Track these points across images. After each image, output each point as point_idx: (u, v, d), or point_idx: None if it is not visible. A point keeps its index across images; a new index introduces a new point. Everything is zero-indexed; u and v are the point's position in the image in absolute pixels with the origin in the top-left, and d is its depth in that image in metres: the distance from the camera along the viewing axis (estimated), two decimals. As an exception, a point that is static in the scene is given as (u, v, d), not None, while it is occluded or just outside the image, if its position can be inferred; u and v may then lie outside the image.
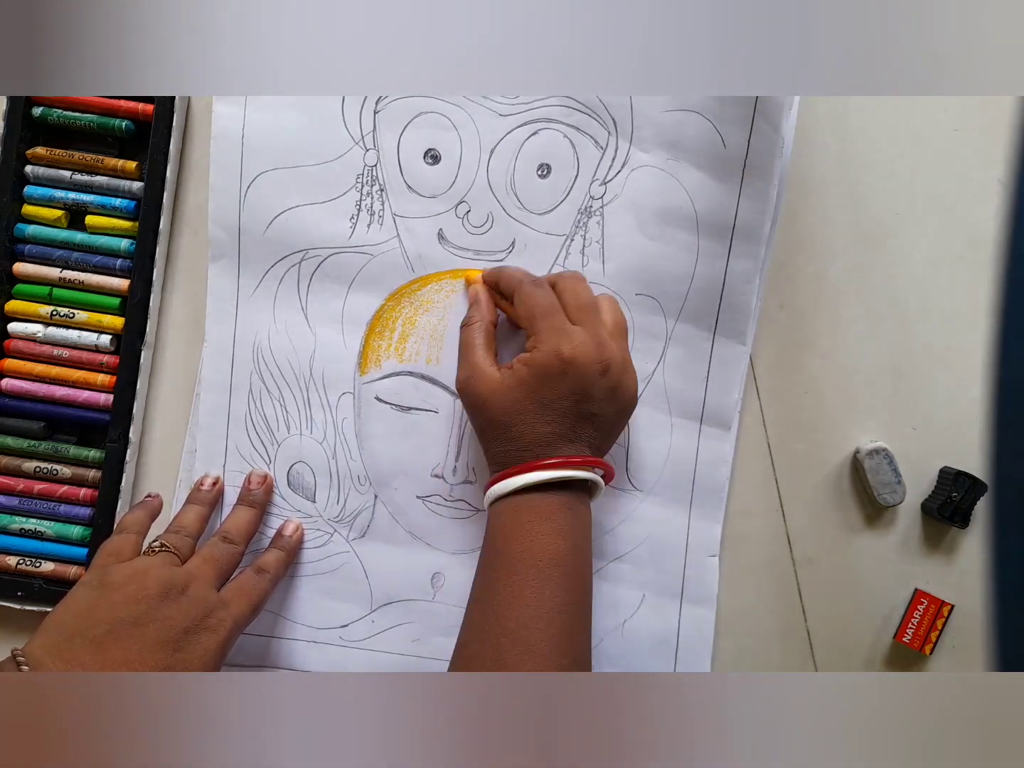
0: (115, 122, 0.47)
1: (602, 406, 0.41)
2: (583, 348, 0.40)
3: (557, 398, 0.40)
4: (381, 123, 0.45)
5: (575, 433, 0.41)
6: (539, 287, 0.42)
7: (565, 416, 0.40)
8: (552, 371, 0.40)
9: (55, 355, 0.47)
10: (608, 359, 0.41)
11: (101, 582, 0.39)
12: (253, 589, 0.42)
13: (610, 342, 0.41)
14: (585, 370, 0.40)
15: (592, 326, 0.41)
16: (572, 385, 0.40)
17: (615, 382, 0.41)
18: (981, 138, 0.50)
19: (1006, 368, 0.23)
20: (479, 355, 0.42)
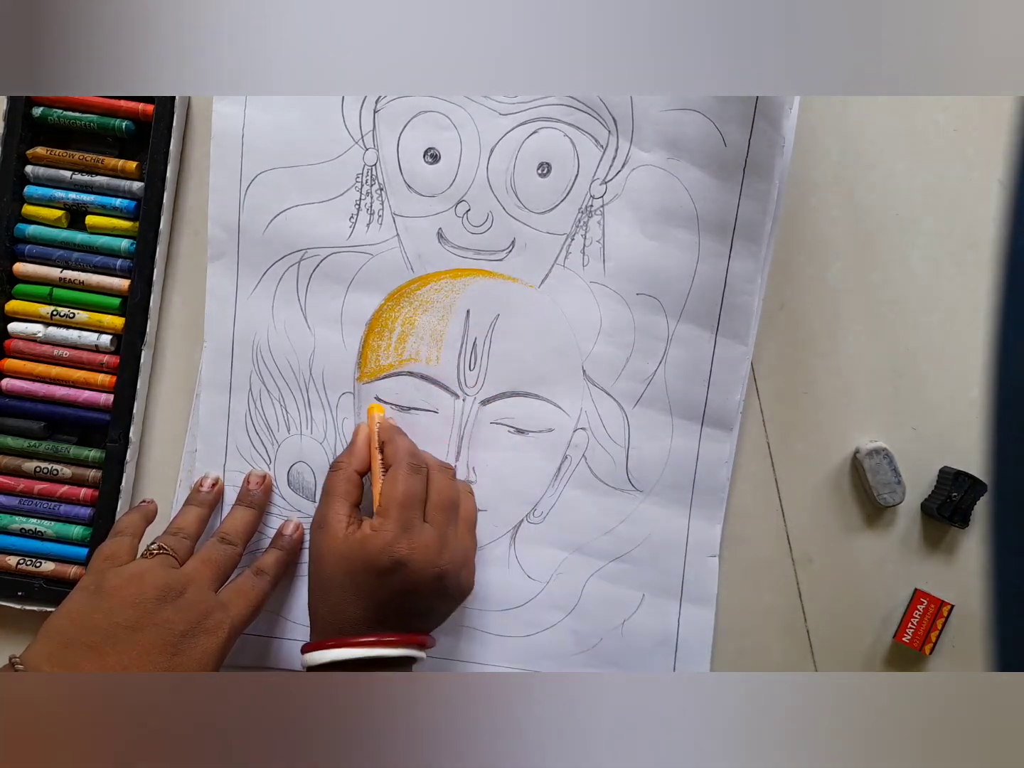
0: (115, 122, 0.47)
1: (430, 603, 0.41)
2: (420, 552, 0.40)
3: (378, 591, 0.39)
4: (381, 122, 0.45)
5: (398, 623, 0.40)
6: (415, 474, 0.42)
7: (384, 607, 0.40)
8: (379, 566, 0.39)
9: (55, 355, 0.47)
10: (446, 565, 0.40)
11: (98, 587, 0.38)
12: (252, 590, 0.42)
13: (454, 542, 0.42)
14: (415, 575, 0.39)
15: (441, 526, 0.41)
16: (398, 584, 0.39)
17: (448, 586, 0.41)
18: (981, 138, 0.50)
19: (1006, 368, 0.23)
20: (334, 507, 0.41)
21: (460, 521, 0.43)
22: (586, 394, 0.47)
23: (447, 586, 0.41)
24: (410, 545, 0.40)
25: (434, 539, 0.40)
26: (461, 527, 0.43)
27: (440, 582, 0.41)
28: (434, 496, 0.42)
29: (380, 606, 0.40)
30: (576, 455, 0.48)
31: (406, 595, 0.40)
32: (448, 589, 0.41)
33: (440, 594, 0.41)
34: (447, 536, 0.41)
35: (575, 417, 0.48)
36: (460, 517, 0.43)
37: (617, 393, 0.48)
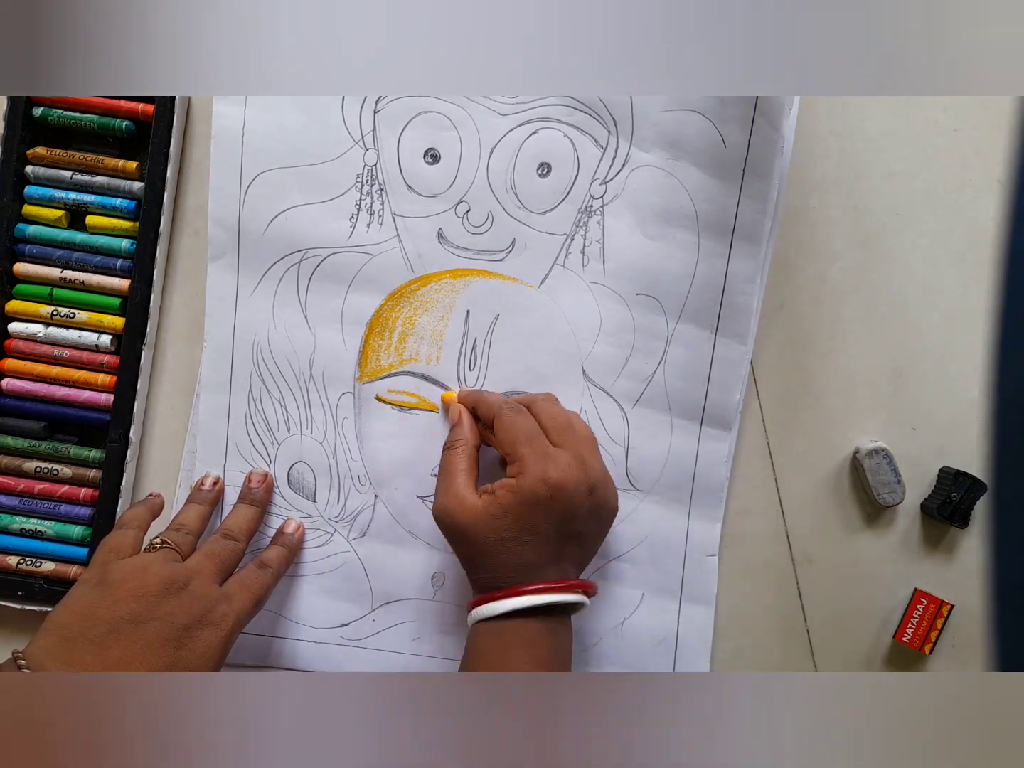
0: (115, 122, 0.47)
1: (587, 524, 0.41)
2: (569, 471, 0.40)
3: (544, 523, 0.40)
4: (381, 123, 0.45)
5: (560, 555, 0.41)
6: (518, 412, 0.42)
7: (551, 540, 0.40)
8: (540, 498, 0.39)
9: (56, 355, 0.47)
10: (593, 479, 0.41)
11: (102, 579, 0.39)
12: (255, 583, 0.42)
13: (592, 460, 0.42)
14: (572, 493, 0.40)
15: (574, 447, 0.41)
16: (560, 510, 0.40)
17: (600, 500, 0.41)
18: (981, 138, 0.50)
19: (1006, 368, 0.23)
20: (460, 482, 0.41)
21: (582, 441, 0.43)
22: (586, 394, 0.47)
23: (599, 501, 0.41)
24: (556, 467, 0.40)
25: (572, 458, 0.41)
26: (587, 446, 0.43)
27: (593, 496, 0.41)
28: (549, 423, 0.42)
29: (548, 540, 0.40)
30: (576, 455, 0.48)
31: (567, 519, 0.40)
32: (600, 504, 0.42)
33: (595, 511, 0.41)
34: (582, 455, 0.41)
35: (575, 417, 0.48)
36: (580, 437, 0.43)
37: (617, 393, 0.48)
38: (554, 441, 0.41)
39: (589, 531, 0.42)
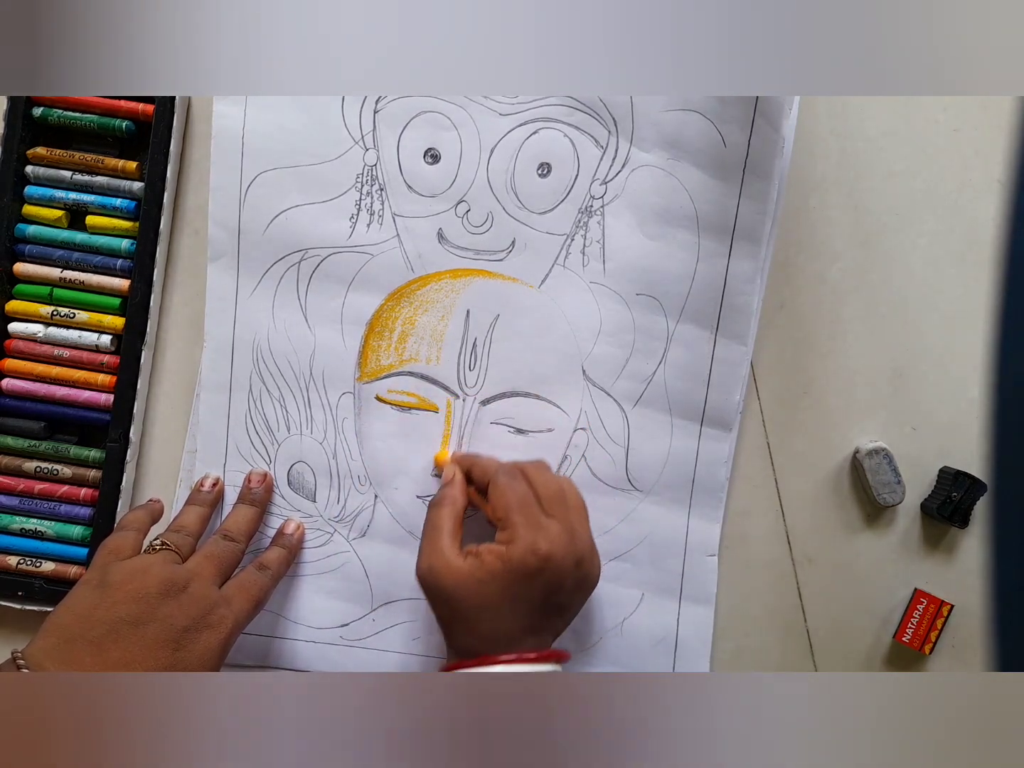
0: (115, 122, 0.47)
1: (571, 597, 0.42)
2: (558, 543, 0.40)
3: (529, 594, 0.40)
4: (381, 122, 0.45)
5: (541, 626, 0.41)
6: (513, 478, 0.42)
7: (534, 611, 0.40)
8: (528, 568, 0.39)
9: (56, 355, 0.47)
10: (581, 552, 0.41)
11: (102, 581, 0.39)
12: (254, 585, 0.42)
13: (581, 532, 0.42)
14: (560, 566, 0.40)
15: (565, 517, 0.41)
16: (547, 581, 0.40)
17: (585, 572, 0.41)
18: (981, 138, 0.50)
19: (1006, 368, 0.23)
20: (444, 543, 0.41)
21: (572, 510, 0.42)
22: (586, 394, 0.47)
23: (584, 574, 0.41)
24: (547, 539, 0.40)
25: (562, 530, 0.40)
26: (578, 516, 0.43)
27: (580, 569, 0.41)
28: (542, 491, 0.42)
29: (531, 611, 0.40)
30: (576, 455, 0.48)
31: (552, 591, 0.40)
32: (585, 577, 0.42)
33: (579, 583, 0.41)
34: (571, 525, 0.41)
35: (575, 417, 0.48)
36: (571, 507, 0.43)
37: (617, 393, 0.48)
38: (546, 510, 0.41)
39: (572, 603, 0.42)
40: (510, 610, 0.40)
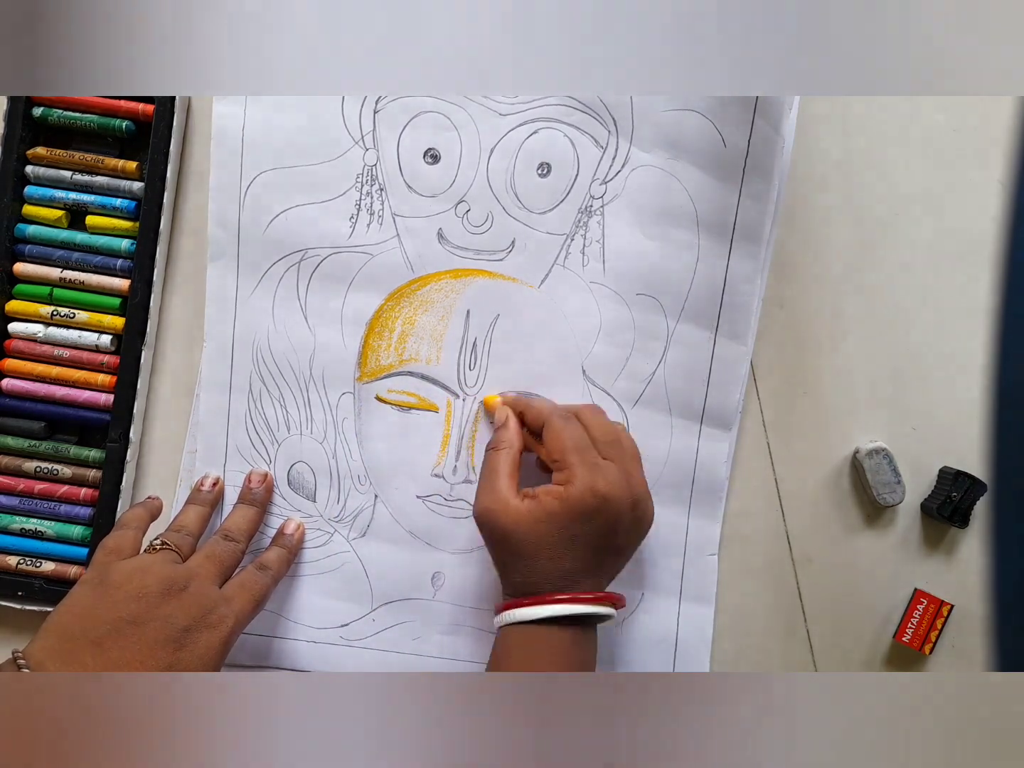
0: (115, 122, 0.47)
1: (627, 538, 0.42)
2: (616, 484, 0.40)
3: (587, 534, 0.40)
4: (381, 123, 0.45)
5: (599, 566, 0.41)
6: (568, 421, 0.42)
7: (592, 551, 0.40)
8: (587, 508, 0.39)
9: (55, 355, 0.47)
10: (637, 494, 0.41)
11: (102, 580, 0.39)
12: (255, 585, 0.42)
13: (637, 475, 0.42)
14: (618, 507, 0.40)
15: (621, 460, 0.41)
16: (604, 521, 0.40)
17: (640, 514, 0.42)
18: (981, 138, 0.50)
19: (1006, 368, 0.23)
20: (503, 484, 0.41)
21: (628, 455, 0.43)
22: (586, 394, 0.47)
23: (640, 515, 0.42)
24: (605, 479, 0.40)
25: (619, 471, 0.41)
26: (632, 460, 0.43)
27: (636, 511, 0.41)
28: (598, 435, 0.42)
29: (588, 551, 0.40)
30: (576, 455, 0.48)
31: (610, 532, 0.40)
32: (641, 519, 0.42)
33: (635, 525, 0.42)
34: (628, 469, 0.41)
35: (575, 417, 0.48)
36: (626, 450, 0.43)
37: (617, 393, 0.48)
38: (603, 453, 0.41)
39: (628, 544, 0.42)
40: (568, 549, 0.40)
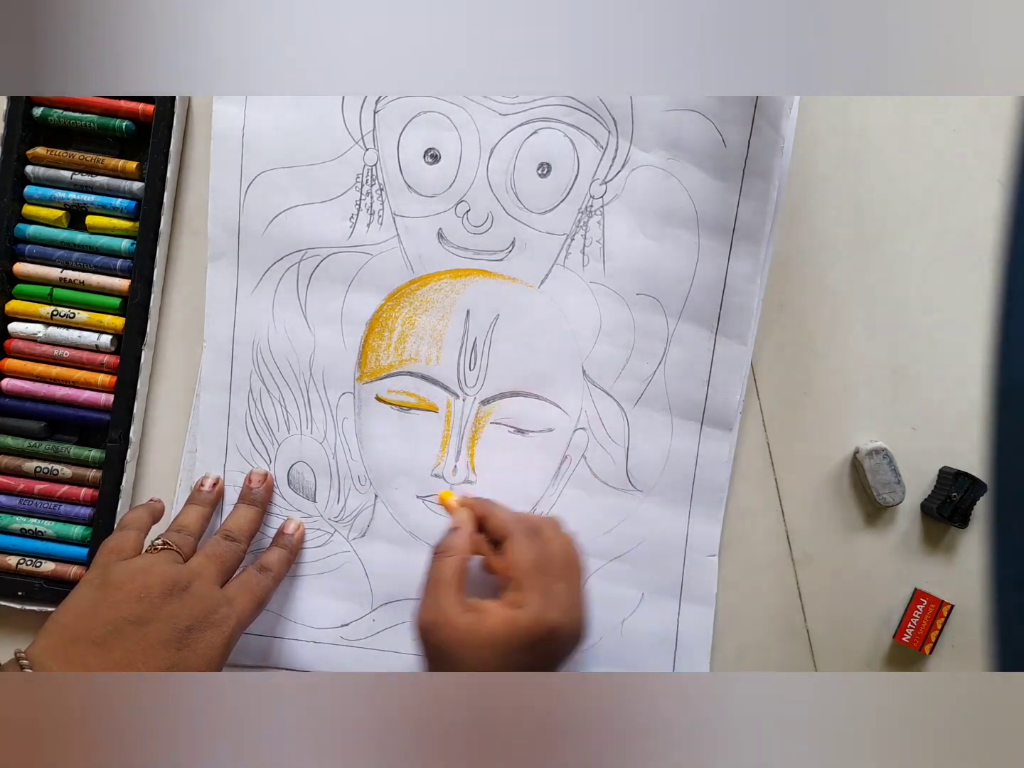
0: (115, 122, 0.47)
1: (564, 661, 0.41)
2: (566, 614, 0.40)
3: (527, 664, 0.39)
4: (381, 123, 0.45)
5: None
6: (532, 539, 0.41)
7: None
8: (533, 638, 0.38)
9: (55, 355, 0.47)
10: (582, 623, 0.41)
11: (103, 580, 0.39)
12: (256, 586, 0.42)
13: (582, 597, 0.41)
14: (565, 636, 0.40)
15: (572, 582, 0.41)
16: (549, 650, 0.39)
17: (580, 636, 0.41)
18: (981, 138, 0.50)
19: (1006, 368, 0.23)
20: (449, 598, 0.40)
21: (577, 574, 0.42)
22: (586, 394, 0.47)
23: (578, 637, 0.41)
24: (559, 609, 0.39)
25: (572, 599, 0.41)
26: (580, 579, 0.42)
27: (575, 640, 0.41)
28: (559, 556, 0.42)
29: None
30: (576, 455, 0.48)
31: (549, 660, 0.40)
32: (578, 639, 0.41)
33: (573, 647, 0.41)
34: (578, 596, 0.41)
35: (575, 417, 0.48)
36: (577, 570, 0.43)
37: (617, 393, 0.48)
38: (558, 575, 0.41)
39: (562, 666, 0.41)
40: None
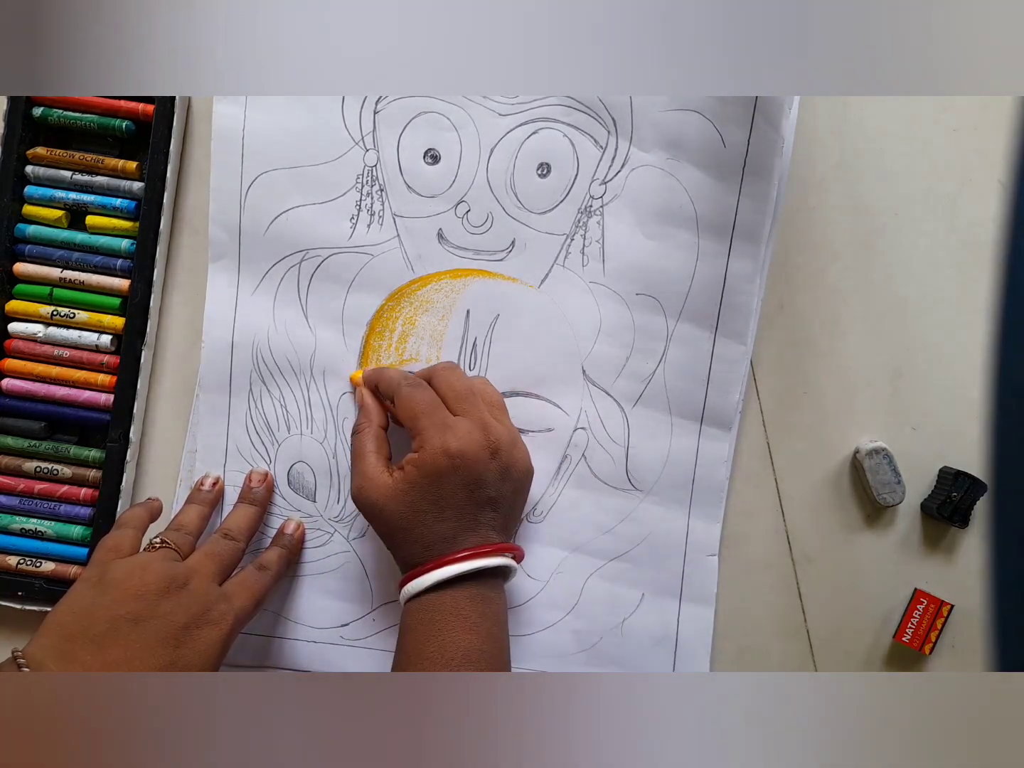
0: (115, 122, 0.47)
1: (499, 488, 0.41)
2: (468, 438, 0.40)
3: (452, 493, 0.40)
4: (381, 123, 0.45)
5: (476, 522, 0.41)
6: (416, 387, 0.42)
7: (464, 509, 0.40)
8: (442, 469, 0.39)
9: (56, 355, 0.47)
10: (495, 441, 0.41)
11: (101, 579, 0.39)
12: (255, 584, 0.42)
13: (494, 423, 0.41)
14: (475, 459, 0.40)
15: (474, 412, 0.41)
16: (464, 477, 0.40)
17: (506, 461, 0.41)
18: (981, 138, 0.50)
19: (1005, 368, 0.23)
20: (370, 462, 0.42)
21: (486, 406, 0.43)
22: (586, 394, 0.47)
23: (505, 463, 0.41)
24: (455, 436, 0.40)
25: (472, 425, 0.41)
26: (493, 410, 0.43)
27: (498, 459, 0.41)
28: (448, 392, 0.42)
29: (459, 510, 0.40)
30: (576, 455, 0.48)
31: (474, 486, 0.40)
32: (508, 467, 0.41)
33: (504, 473, 0.41)
34: (483, 419, 0.41)
35: (575, 417, 0.48)
36: (486, 402, 0.43)
37: (617, 393, 0.48)
38: (454, 410, 0.41)
39: (502, 494, 0.41)
40: (439, 513, 0.40)
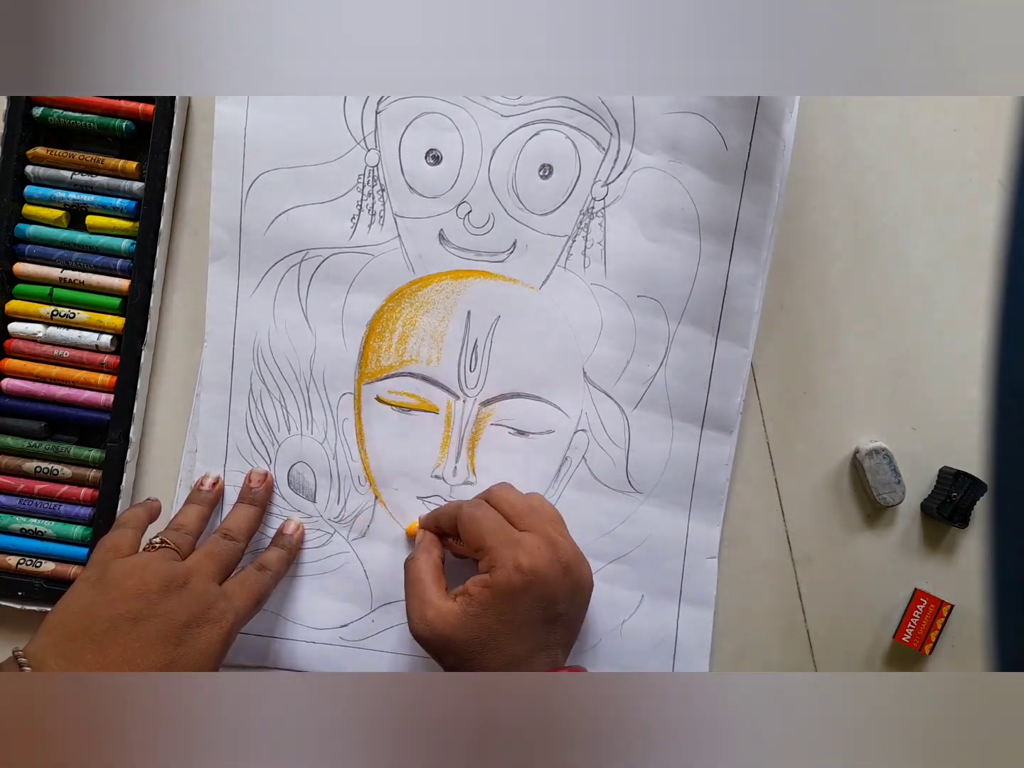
0: (115, 122, 0.47)
1: (568, 605, 0.41)
2: (539, 554, 0.39)
3: (526, 612, 0.39)
4: (383, 123, 0.45)
5: (547, 641, 0.40)
6: (478, 507, 0.42)
7: (536, 628, 0.40)
8: (516, 586, 0.39)
9: (56, 355, 0.47)
10: (566, 558, 0.40)
11: (100, 578, 0.38)
12: (255, 584, 0.42)
13: (560, 539, 0.41)
14: (548, 575, 0.39)
15: (539, 528, 0.41)
16: (539, 594, 0.39)
17: (576, 578, 0.41)
18: (981, 138, 0.50)
19: (1005, 368, 0.23)
20: (430, 591, 0.41)
21: (548, 522, 0.42)
22: (586, 396, 0.47)
23: (575, 579, 0.41)
24: (527, 553, 0.39)
25: (541, 541, 0.40)
26: (555, 526, 0.42)
27: (569, 576, 0.40)
28: (507, 509, 0.42)
29: (533, 630, 0.39)
30: (576, 457, 0.48)
31: (548, 603, 0.40)
32: (577, 583, 0.41)
33: (573, 590, 0.41)
34: (549, 536, 0.41)
35: (575, 419, 0.48)
36: (545, 518, 0.42)
37: (617, 395, 0.48)
38: (519, 527, 0.41)
39: (571, 611, 0.41)
40: (512, 634, 0.39)
